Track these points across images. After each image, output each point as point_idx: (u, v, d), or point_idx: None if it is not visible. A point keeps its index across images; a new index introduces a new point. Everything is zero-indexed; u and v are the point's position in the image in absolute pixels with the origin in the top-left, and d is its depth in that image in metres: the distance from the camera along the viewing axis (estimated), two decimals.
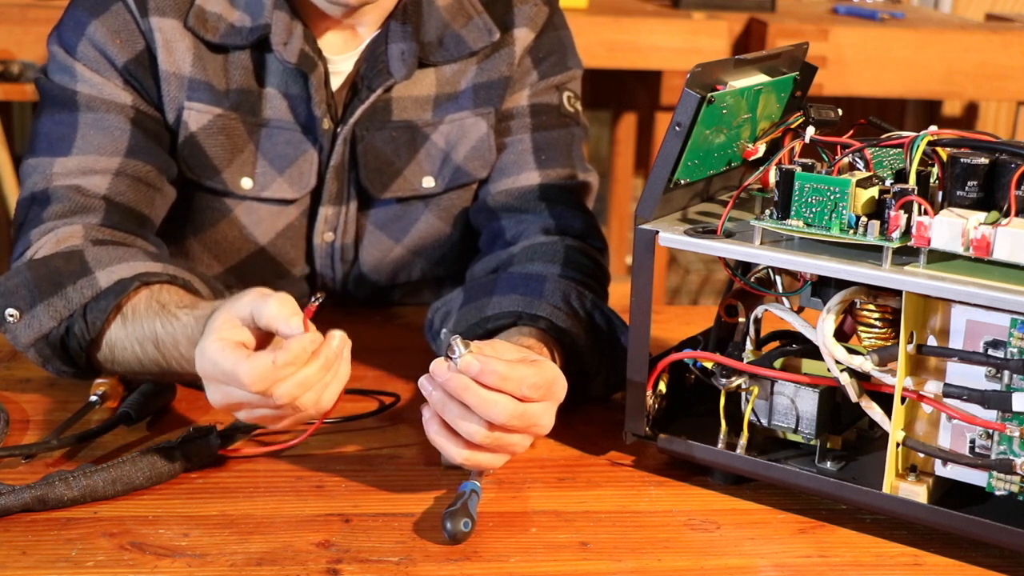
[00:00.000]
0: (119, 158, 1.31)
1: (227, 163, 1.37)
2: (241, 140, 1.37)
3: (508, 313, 1.21)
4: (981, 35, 2.80)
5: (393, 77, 1.37)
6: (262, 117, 1.37)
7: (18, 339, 1.20)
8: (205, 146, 1.36)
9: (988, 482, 0.98)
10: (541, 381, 1.03)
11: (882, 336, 1.03)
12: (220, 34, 1.34)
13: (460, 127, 1.42)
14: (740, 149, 1.14)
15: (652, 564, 0.99)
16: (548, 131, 1.44)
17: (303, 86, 1.36)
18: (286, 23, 1.33)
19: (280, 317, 1.01)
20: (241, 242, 1.42)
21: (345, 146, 1.39)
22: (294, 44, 1.33)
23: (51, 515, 1.02)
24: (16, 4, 2.55)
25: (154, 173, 1.33)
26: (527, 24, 1.44)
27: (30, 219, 1.28)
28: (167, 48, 1.33)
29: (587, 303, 1.24)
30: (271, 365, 0.98)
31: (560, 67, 1.46)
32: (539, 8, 1.45)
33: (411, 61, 1.37)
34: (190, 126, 1.35)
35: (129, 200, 1.30)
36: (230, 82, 1.36)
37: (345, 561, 0.97)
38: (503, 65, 1.42)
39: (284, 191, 1.39)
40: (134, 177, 1.31)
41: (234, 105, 1.36)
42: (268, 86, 1.36)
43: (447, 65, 1.41)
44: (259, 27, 1.34)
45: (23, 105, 3.24)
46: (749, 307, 1.12)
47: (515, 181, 1.42)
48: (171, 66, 1.33)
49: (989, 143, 1.01)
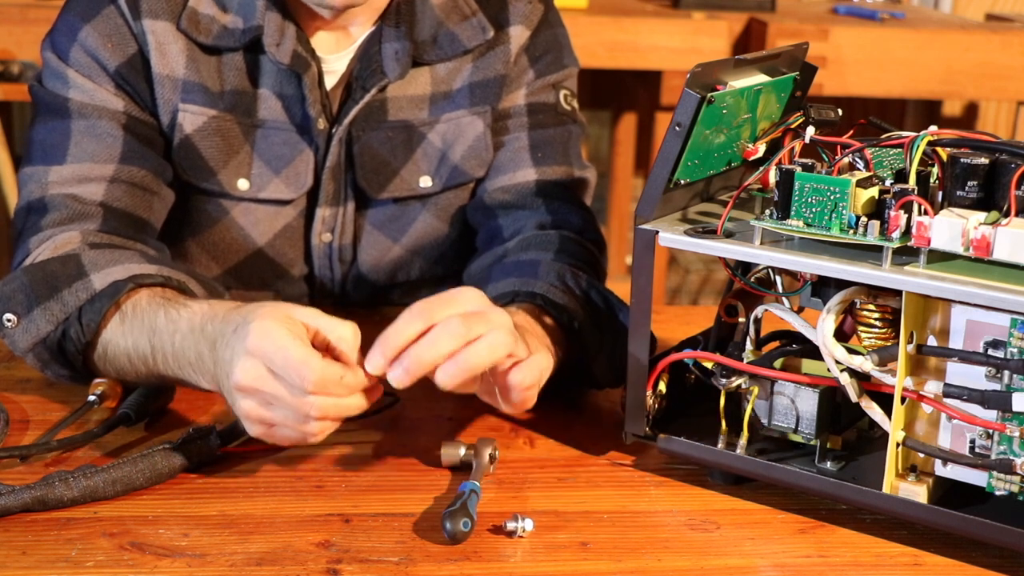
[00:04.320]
0: (114, 165, 1.31)
1: (223, 165, 1.37)
2: (236, 141, 1.37)
3: (505, 293, 1.21)
4: (981, 35, 2.80)
5: (387, 77, 1.37)
6: (257, 118, 1.37)
7: (16, 344, 1.20)
8: (200, 148, 1.36)
9: (988, 482, 0.98)
10: (433, 300, 1.03)
11: (882, 336, 1.03)
12: (213, 36, 1.34)
13: (456, 126, 1.42)
14: (740, 149, 1.14)
15: (652, 564, 0.99)
16: (545, 129, 1.44)
17: (297, 86, 1.36)
18: (278, 24, 1.33)
19: (352, 346, 1.03)
20: (239, 243, 1.42)
21: (341, 147, 1.39)
22: (287, 45, 1.33)
23: (51, 515, 1.02)
24: (16, 4, 2.55)
25: (150, 177, 1.33)
26: (522, 22, 1.43)
27: (28, 227, 1.28)
28: (160, 51, 1.33)
29: (582, 282, 1.24)
30: (338, 380, 1.00)
31: (556, 65, 1.46)
32: (534, 5, 1.45)
33: (405, 60, 1.37)
34: (185, 128, 1.35)
35: (126, 206, 1.30)
36: (224, 84, 1.36)
37: (345, 561, 0.97)
38: (498, 63, 1.42)
39: (281, 192, 1.39)
40: (130, 183, 1.31)
41: (229, 106, 1.36)
42: (262, 87, 1.36)
43: (441, 64, 1.41)
44: (251, 28, 1.34)
45: (23, 105, 3.24)
46: (749, 307, 1.12)
47: (512, 178, 1.42)
48: (164, 68, 1.33)
49: (989, 143, 1.01)
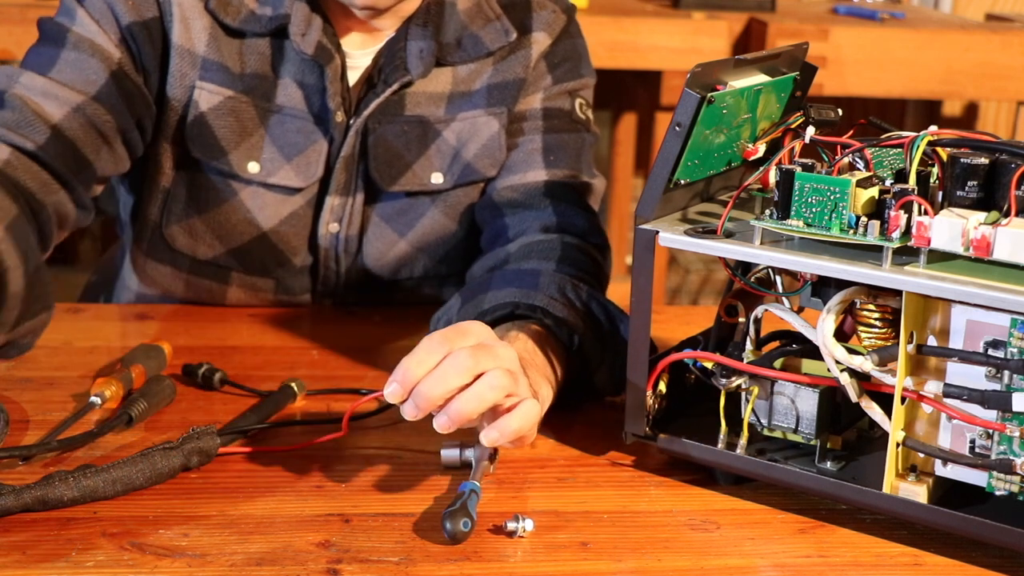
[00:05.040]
0: (84, 97, 1.31)
1: (235, 145, 1.38)
2: (251, 124, 1.38)
3: (505, 304, 1.21)
4: (981, 35, 2.80)
5: (410, 74, 1.38)
6: (275, 103, 1.38)
7: None
8: (214, 127, 1.37)
9: (988, 482, 0.98)
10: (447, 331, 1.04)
11: (882, 336, 1.03)
12: (240, 19, 1.36)
13: (472, 125, 1.43)
14: (740, 149, 1.14)
15: (652, 564, 0.99)
16: (559, 134, 1.45)
17: (319, 77, 1.37)
18: (306, 15, 1.36)
19: None
20: (244, 226, 1.43)
21: (357, 137, 1.40)
22: (312, 36, 1.35)
23: (51, 515, 1.02)
24: (16, 4, 2.55)
25: (112, 125, 1.33)
26: (545, 29, 1.45)
27: None
28: (184, 23, 1.35)
29: (583, 294, 1.24)
30: None
31: (574, 74, 1.48)
32: (557, 15, 1.47)
33: (429, 60, 1.39)
34: (200, 105, 1.36)
35: (76, 139, 1.30)
36: (245, 66, 1.37)
37: (345, 561, 0.97)
38: (518, 67, 1.44)
39: (290, 179, 1.40)
40: (91, 120, 1.31)
41: (247, 89, 1.38)
42: (284, 74, 1.38)
43: (464, 65, 1.42)
44: (279, 16, 1.37)
45: None
46: (749, 307, 1.12)
47: (522, 178, 1.43)
48: (185, 41, 1.35)
49: (989, 143, 1.01)
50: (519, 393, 1.04)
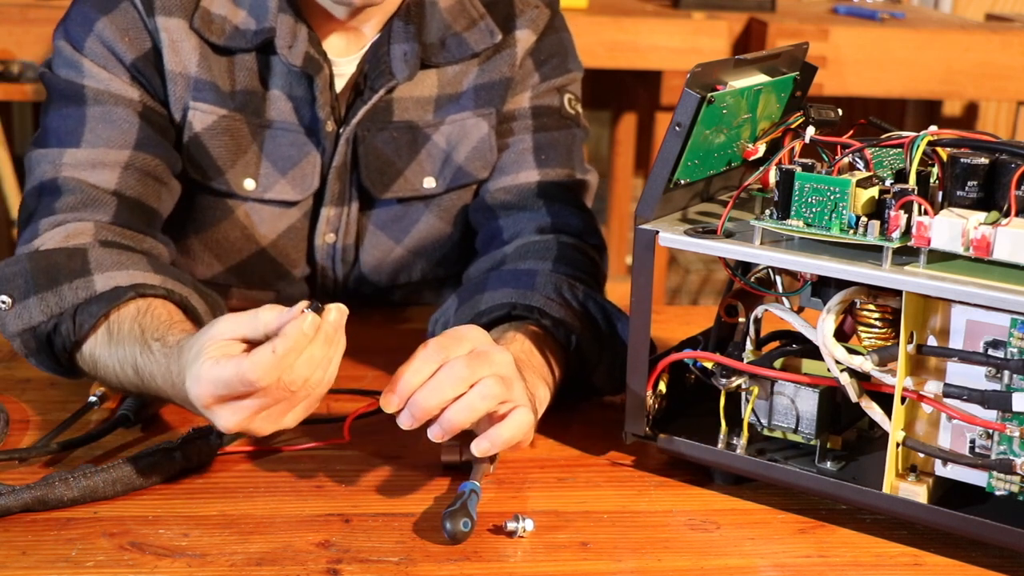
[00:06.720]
0: (128, 151, 1.31)
1: (231, 164, 1.37)
2: (245, 141, 1.37)
3: (502, 305, 1.21)
4: (981, 35, 2.80)
5: (395, 78, 1.37)
6: (266, 119, 1.37)
7: (6, 327, 1.19)
8: (209, 146, 1.36)
9: (988, 482, 0.98)
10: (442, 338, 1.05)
11: (882, 336, 1.03)
12: (225, 37, 1.34)
13: (461, 128, 1.42)
14: (740, 149, 1.14)
15: (652, 564, 0.99)
16: (549, 132, 1.44)
17: (308, 88, 1.36)
18: (291, 26, 1.34)
19: (277, 317, 0.99)
20: (243, 242, 1.43)
21: (347, 146, 1.39)
22: (299, 47, 1.33)
23: (51, 515, 1.02)
24: (16, 4, 2.55)
25: (162, 167, 1.33)
26: (529, 26, 1.44)
27: (40, 209, 1.27)
28: (173, 48, 1.33)
29: (580, 294, 1.24)
30: (272, 355, 0.96)
31: (561, 69, 1.47)
32: (540, 10, 1.45)
33: (413, 62, 1.37)
34: (195, 126, 1.35)
35: (139, 195, 1.30)
36: (235, 83, 1.36)
37: (345, 561, 0.97)
38: (504, 66, 1.43)
39: (287, 193, 1.40)
40: (143, 171, 1.31)
41: (239, 106, 1.36)
42: (273, 88, 1.37)
43: (449, 66, 1.41)
44: (264, 30, 1.34)
45: (23, 105, 3.24)
46: (749, 307, 1.12)
47: (514, 179, 1.42)
48: (177, 66, 1.33)
49: (989, 143, 1.01)
50: (513, 399, 1.05)
